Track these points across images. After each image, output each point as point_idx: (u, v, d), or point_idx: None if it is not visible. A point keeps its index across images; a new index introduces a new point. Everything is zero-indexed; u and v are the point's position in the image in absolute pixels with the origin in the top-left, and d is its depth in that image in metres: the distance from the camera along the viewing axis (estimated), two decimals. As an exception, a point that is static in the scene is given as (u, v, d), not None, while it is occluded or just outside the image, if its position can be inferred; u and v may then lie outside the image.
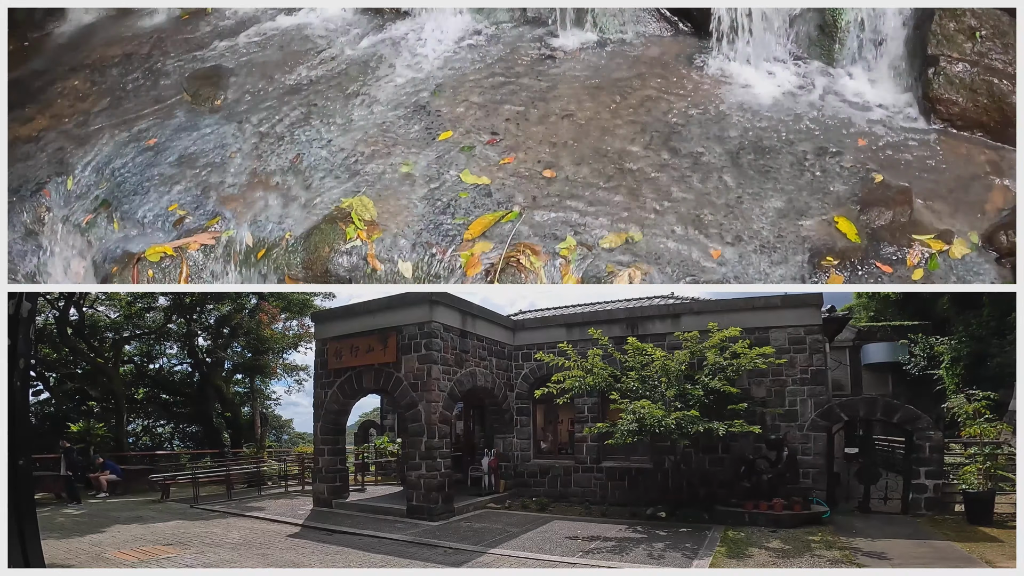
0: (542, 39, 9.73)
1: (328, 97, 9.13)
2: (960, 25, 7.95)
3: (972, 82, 7.84)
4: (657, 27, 9.75)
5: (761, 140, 7.98)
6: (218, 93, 9.47)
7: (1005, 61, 7.84)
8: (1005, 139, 7.78)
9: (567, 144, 8.00)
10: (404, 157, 8.10)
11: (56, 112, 9.66)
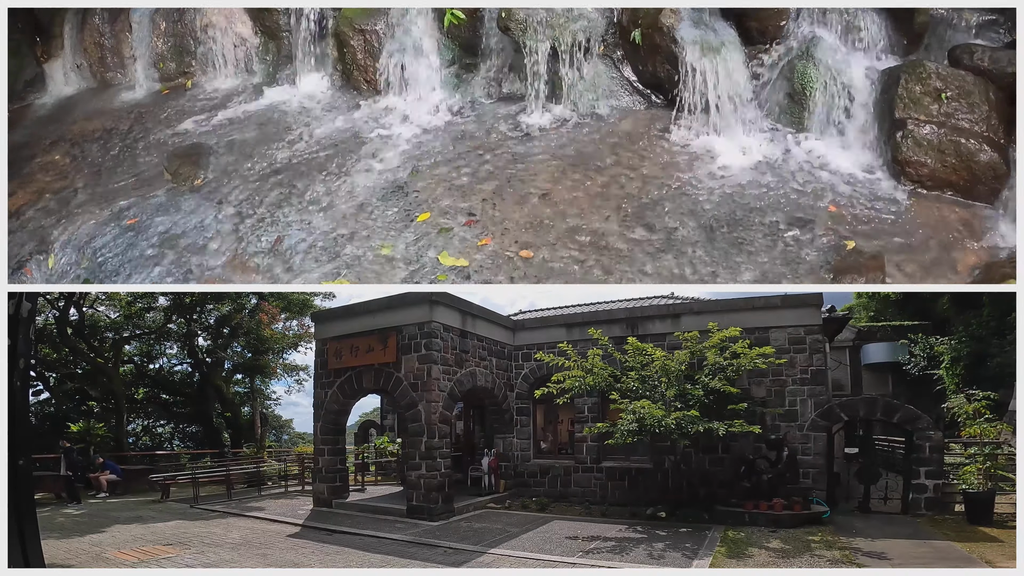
0: (517, 116, 9.85)
1: (308, 177, 9.18)
2: (926, 88, 8.12)
3: (940, 143, 8.01)
4: (630, 100, 9.88)
5: (734, 212, 8.10)
6: (198, 172, 9.51)
7: (971, 120, 8.01)
8: (975, 196, 7.96)
9: (543, 224, 8.07)
10: (383, 240, 8.14)
11: (37, 187, 9.65)
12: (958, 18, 8.78)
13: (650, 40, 9.26)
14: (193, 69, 11.73)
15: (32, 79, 12.07)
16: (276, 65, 11.44)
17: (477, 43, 10.27)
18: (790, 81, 8.94)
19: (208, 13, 11.41)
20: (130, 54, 11.88)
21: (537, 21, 9.31)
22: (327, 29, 10.87)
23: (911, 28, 8.75)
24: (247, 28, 11.45)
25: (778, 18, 8.97)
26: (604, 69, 9.81)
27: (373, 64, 10.49)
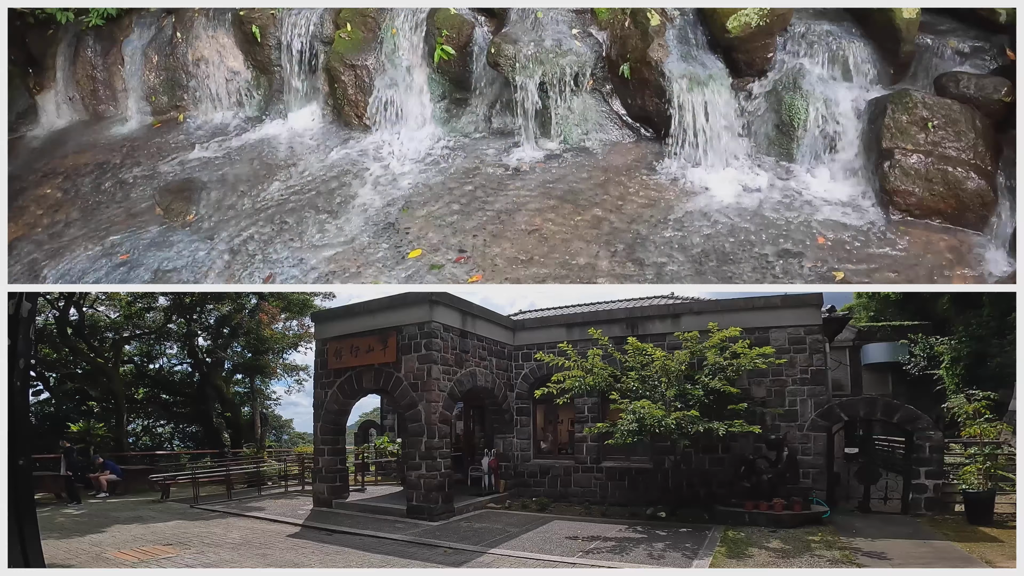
0: (507, 151, 9.89)
1: (299, 214, 9.22)
2: (912, 117, 8.17)
3: (927, 172, 8.06)
4: (619, 134, 9.94)
5: (723, 246, 8.14)
6: (190, 208, 9.55)
7: (958, 148, 8.06)
8: (963, 224, 8.03)
9: (534, 260, 8.11)
10: (375, 276, 8.17)
11: (29, 220, 9.67)
12: (944, 46, 8.85)
13: (639, 74, 9.35)
14: (185, 103, 11.77)
15: (24, 111, 12.10)
16: (268, 99, 11.47)
17: (467, 78, 10.33)
18: (778, 113, 9.04)
19: (199, 47, 11.49)
20: (122, 87, 11.93)
21: (526, 56, 9.39)
22: (318, 63, 10.96)
23: (897, 57, 8.82)
24: (238, 62, 11.50)
25: (765, 50, 9.04)
26: (593, 103, 9.89)
27: (364, 99, 10.55)
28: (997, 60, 8.65)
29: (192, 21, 11.54)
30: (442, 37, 9.93)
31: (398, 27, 10.27)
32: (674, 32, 9.31)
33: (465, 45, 10.07)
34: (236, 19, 11.22)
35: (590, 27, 9.76)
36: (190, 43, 11.49)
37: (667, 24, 9.32)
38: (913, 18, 8.53)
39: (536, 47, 9.43)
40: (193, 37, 11.49)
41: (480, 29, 10.09)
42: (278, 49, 11.07)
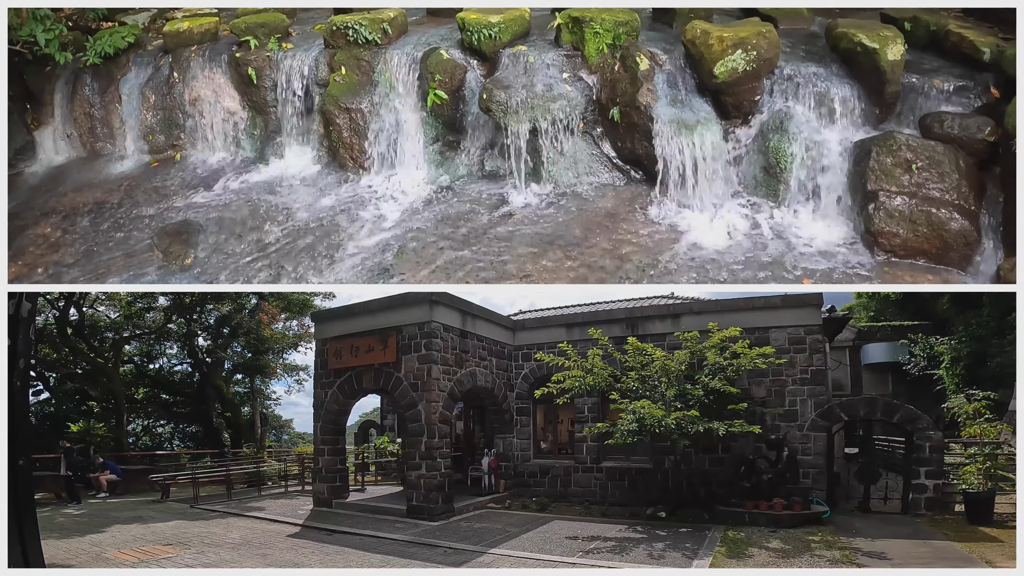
0: (499, 193, 9.98)
1: (295, 258, 9.32)
2: (896, 159, 8.26)
3: (911, 213, 8.17)
4: (610, 176, 10.03)
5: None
6: (188, 251, 9.63)
7: (942, 189, 8.16)
8: (947, 263, 8.17)
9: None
10: None
11: (28, 261, 9.72)
12: (929, 85, 8.95)
13: (628, 118, 9.45)
14: (182, 142, 11.85)
15: (22, 147, 12.11)
16: (264, 140, 11.54)
17: (460, 121, 10.43)
18: (765, 155, 9.15)
19: (196, 87, 11.57)
20: (120, 125, 12.00)
21: (518, 102, 9.50)
22: (313, 105, 11.04)
23: (883, 98, 8.92)
24: (235, 102, 11.57)
25: (752, 93, 9.15)
26: (584, 146, 9.98)
27: (359, 142, 10.64)
28: (981, 98, 8.79)
29: (188, 61, 11.64)
30: (435, 81, 10.06)
31: (392, 71, 10.42)
32: (663, 76, 9.49)
33: (458, 89, 10.18)
34: (232, 60, 11.34)
35: (580, 71, 9.90)
36: (187, 83, 11.59)
37: (656, 68, 9.49)
38: (898, 59, 8.68)
39: (527, 92, 9.56)
40: (190, 77, 11.59)
41: (472, 73, 10.23)
42: (274, 91, 11.20)
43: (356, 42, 10.50)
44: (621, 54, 9.59)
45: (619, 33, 9.66)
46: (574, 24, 9.83)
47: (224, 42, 11.71)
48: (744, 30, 9.00)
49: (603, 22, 9.62)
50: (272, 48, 11.04)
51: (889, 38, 8.68)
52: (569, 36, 9.93)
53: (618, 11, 9.81)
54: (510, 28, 10.12)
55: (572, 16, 9.83)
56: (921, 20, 9.50)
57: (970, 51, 8.92)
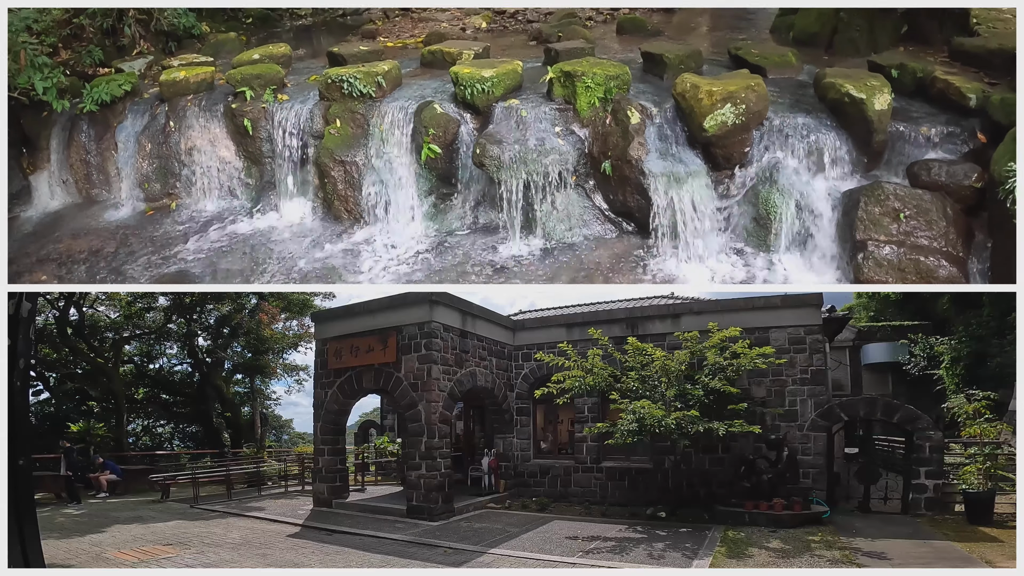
0: (493, 247, 10.07)
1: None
2: (884, 208, 8.36)
3: (900, 262, 8.25)
4: (602, 229, 10.13)
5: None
6: None
7: (930, 237, 8.26)
8: None
9: None
10: None
11: None
12: (916, 132, 9.04)
13: (620, 172, 9.55)
14: (178, 191, 11.91)
15: (18, 192, 12.13)
16: (259, 190, 11.61)
17: (454, 174, 10.50)
18: (755, 206, 9.25)
19: (192, 136, 11.64)
20: (115, 172, 12.08)
21: (511, 157, 9.58)
22: (308, 157, 11.12)
23: (870, 147, 9.00)
24: (230, 152, 11.63)
25: (742, 145, 9.24)
26: (576, 198, 10.08)
27: (354, 195, 10.73)
28: (968, 144, 8.87)
29: (185, 110, 11.70)
30: (429, 136, 10.15)
31: (386, 124, 10.51)
32: (654, 129, 9.59)
33: (451, 143, 10.28)
34: (228, 111, 11.42)
35: (572, 124, 9.99)
36: (183, 132, 11.66)
37: (647, 122, 9.59)
38: (885, 109, 8.81)
39: (520, 147, 9.65)
40: (186, 126, 11.66)
41: (466, 127, 10.31)
42: (269, 142, 11.27)
43: (351, 95, 10.61)
44: (612, 108, 9.75)
45: (610, 87, 9.78)
46: (566, 78, 9.95)
47: (220, 91, 11.79)
48: (733, 83, 9.13)
49: (594, 76, 9.73)
50: (268, 100, 11.15)
51: (876, 87, 8.84)
52: (561, 90, 10.05)
53: (609, 65, 9.95)
54: (503, 82, 10.23)
55: (564, 70, 9.95)
56: (908, 67, 9.66)
57: (956, 97, 9.06)
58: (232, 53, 13.58)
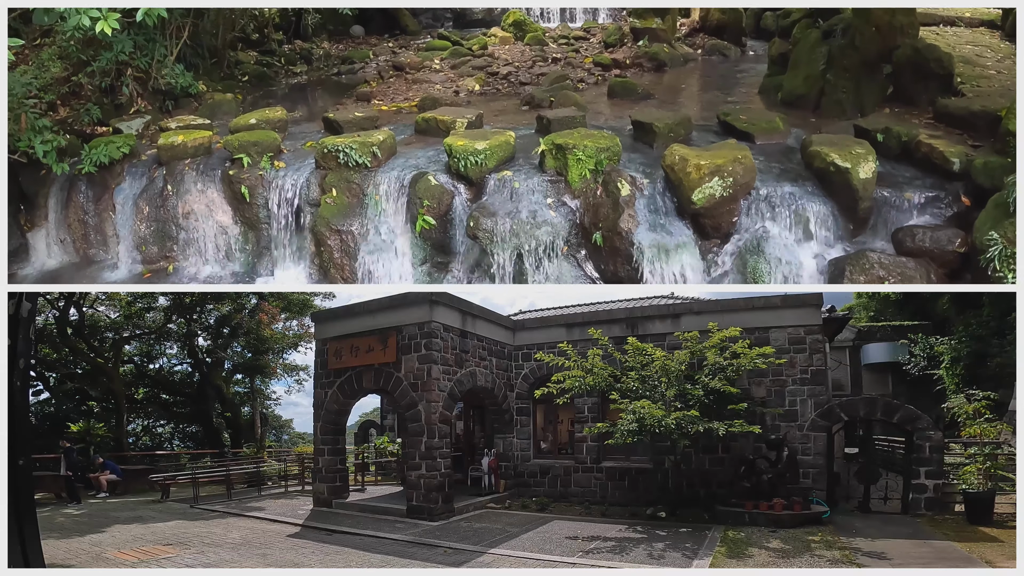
0: None
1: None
2: (869, 277, 8.53)
3: None
4: None
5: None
6: None
7: None
8: None
9: None
10: None
11: None
12: (901, 198, 9.14)
13: (610, 243, 9.69)
14: (175, 254, 11.96)
15: (16, 249, 12.13)
16: (256, 255, 11.68)
17: (448, 243, 10.61)
18: (743, 275, 9.36)
19: (190, 200, 11.70)
20: (113, 233, 12.12)
21: (503, 230, 9.73)
22: (305, 223, 11.20)
23: (856, 214, 9.12)
24: (227, 217, 11.68)
25: (730, 215, 9.38)
26: (568, 268, 10.18)
27: (350, 263, 10.82)
28: (952, 207, 9.01)
29: (182, 174, 11.75)
30: (423, 207, 10.26)
31: (382, 194, 10.61)
32: (644, 201, 9.74)
33: (445, 213, 10.40)
34: (225, 177, 11.49)
35: (564, 196, 10.10)
36: (180, 196, 11.72)
37: (637, 193, 9.73)
38: (869, 177, 8.94)
39: (512, 220, 9.79)
40: (183, 190, 11.71)
41: (459, 198, 10.41)
42: (266, 208, 11.35)
43: (346, 164, 10.68)
44: (603, 179, 9.86)
45: (601, 159, 9.87)
46: (557, 150, 10.03)
47: (217, 156, 11.84)
48: (721, 156, 9.25)
49: (585, 148, 9.82)
50: (265, 167, 11.23)
51: (861, 156, 8.97)
52: (553, 162, 10.14)
53: (600, 136, 10.05)
54: (496, 154, 10.31)
55: (555, 142, 10.03)
56: (893, 131, 9.78)
57: (940, 161, 9.19)
58: (229, 114, 13.77)
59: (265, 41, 19.18)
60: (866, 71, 11.06)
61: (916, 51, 10.78)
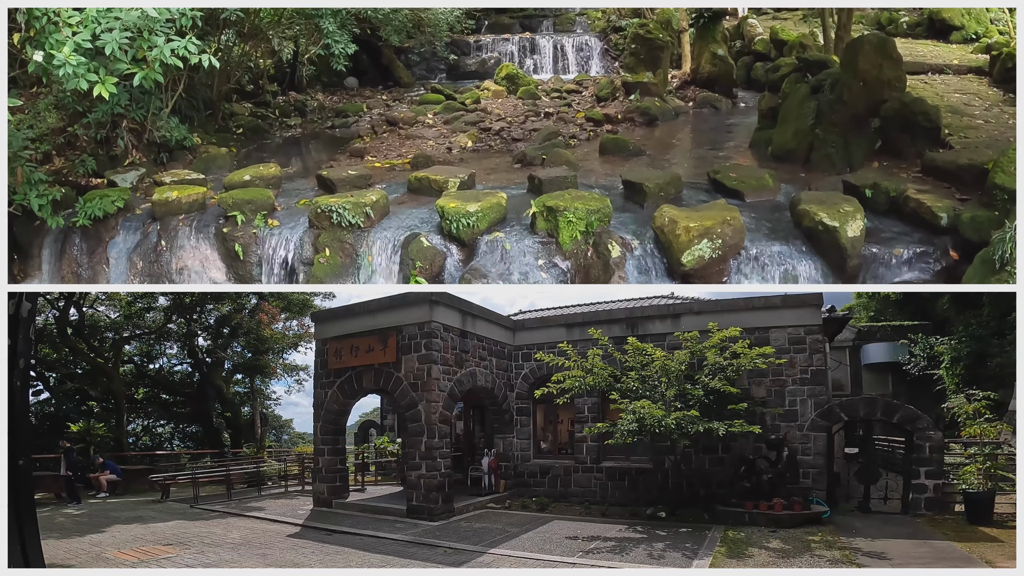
0: None
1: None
2: None
3: None
4: None
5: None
6: None
7: None
8: None
9: None
10: None
11: None
12: (890, 254, 9.21)
13: None
14: None
15: None
16: None
17: None
18: None
19: (184, 256, 11.72)
20: None
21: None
22: (297, 281, 11.26)
23: (844, 272, 9.22)
24: (221, 274, 11.76)
25: (720, 275, 9.52)
26: None
27: None
28: (941, 261, 9.12)
29: (176, 230, 11.76)
30: (416, 268, 10.30)
31: (374, 255, 10.68)
32: (633, 262, 9.84)
33: (438, 274, 10.46)
34: (219, 234, 11.53)
35: (555, 257, 10.15)
36: (174, 251, 11.74)
37: (627, 254, 9.82)
38: (858, 235, 9.06)
39: (504, 282, 9.88)
40: (177, 246, 11.73)
41: (451, 259, 10.49)
42: (259, 266, 11.39)
43: (340, 224, 10.70)
44: (594, 241, 9.93)
45: (591, 220, 9.90)
46: (548, 212, 10.06)
47: (211, 212, 11.84)
48: (710, 218, 9.34)
49: (576, 210, 9.86)
50: (258, 225, 11.26)
51: (849, 214, 9.05)
52: (544, 223, 10.17)
53: (590, 198, 10.09)
54: (487, 216, 10.34)
55: (547, 205, 10.06)
56: (881, 187, 9.86)
57: (928, 216, 9.28)
58: (223, 168, 13.81)
59: (260, 92, 19.35)
60: (854, 125, 11.22)
61: (903, 105, 10.94)
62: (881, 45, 11.08)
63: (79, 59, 7.54)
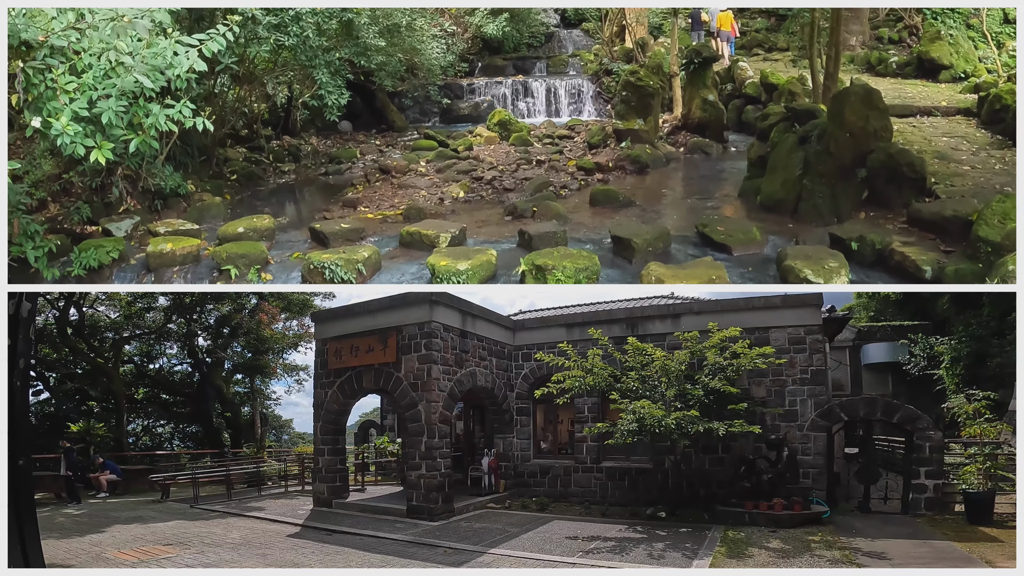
0: None
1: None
2: None
3: None
4: None
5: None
6: None
7: None
8: None
9: None
10: None
11: None
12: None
13: None
14: None
15: None
16: None
17: None
18: None
19: None
20: None
21: None
22: None
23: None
24: None
25: None
26: None
27: None
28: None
29: (171, 282, 11.69)
30: None
31: None
32: None
33: None
34: None
35: None
36: None
37: None
38: None
39: None
40: None
41: None
42: None
43: (332, 280, 10.64)
44: None
45: (580, 278, 9.86)
46: (537, 271, 10.03)
47: (205, 264, 11.75)
48: (696, 276, 9.38)
49: (564, 269, 9.81)
50: (252, 279, 11.17)
51: (834, 270, 9.11)
52: (533, 281, 10.13)
53: (579, 257, 10.06)
54: (477, 274, 10.30)
55: (535, 263, 10.04)
56: (867, 239, 9.90)
57: (912, 269, 9.30)
58: (217, 217, 13.78)
59: (255, 136, 19.30)
60: (842, 176, 11.24)
61: (889, 156, 10.98)
62: (867, 96, 11.17)
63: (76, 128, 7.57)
